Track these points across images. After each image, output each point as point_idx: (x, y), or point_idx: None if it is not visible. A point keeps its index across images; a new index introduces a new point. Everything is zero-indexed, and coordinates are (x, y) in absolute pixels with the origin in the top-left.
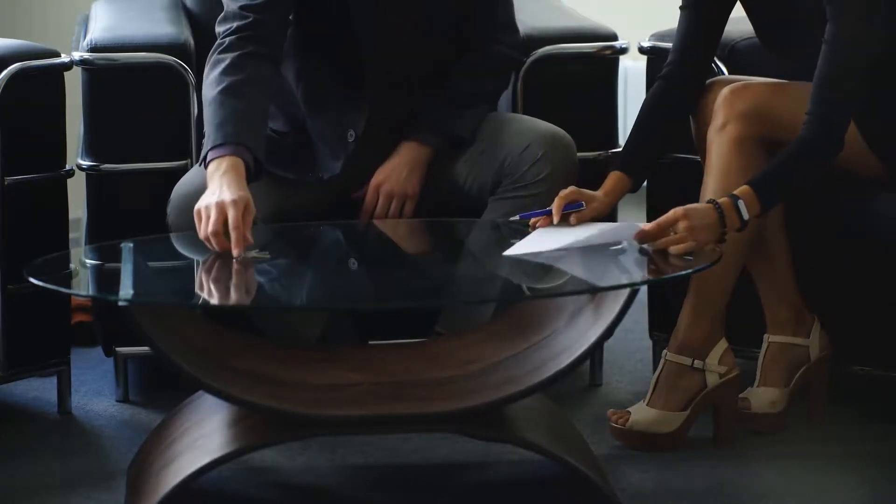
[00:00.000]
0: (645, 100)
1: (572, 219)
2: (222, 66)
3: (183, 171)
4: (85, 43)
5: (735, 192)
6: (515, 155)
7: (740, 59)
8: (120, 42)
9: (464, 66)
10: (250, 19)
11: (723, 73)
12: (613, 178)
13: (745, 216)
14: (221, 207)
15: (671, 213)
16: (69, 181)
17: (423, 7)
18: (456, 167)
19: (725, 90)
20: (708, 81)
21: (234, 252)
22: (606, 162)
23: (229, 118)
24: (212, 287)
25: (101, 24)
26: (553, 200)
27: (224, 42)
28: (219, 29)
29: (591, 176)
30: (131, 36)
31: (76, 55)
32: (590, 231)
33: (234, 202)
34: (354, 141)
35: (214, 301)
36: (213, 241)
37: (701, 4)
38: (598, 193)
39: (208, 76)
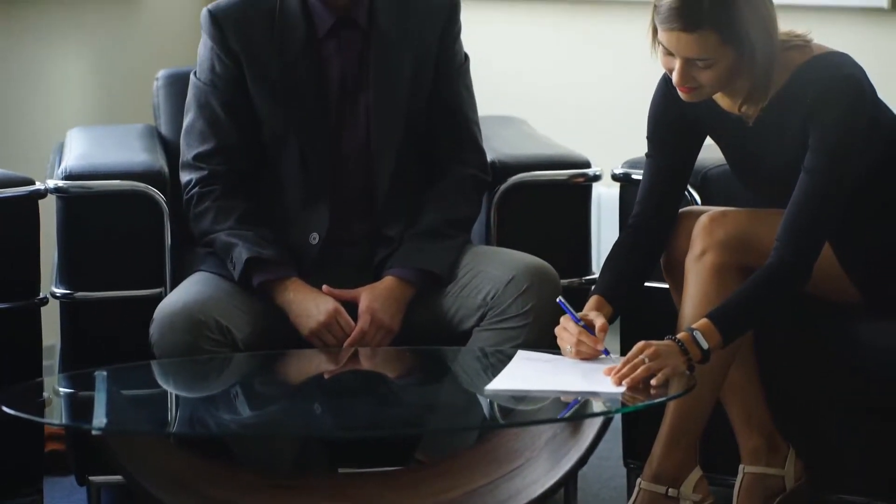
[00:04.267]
0: (613, 247)
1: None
2: (210, 215)
3: (158, 298)
4: (60, 171)
5: (694, 324)
6: (500, 287)
7: (713, 186)
8: (94, 170)
9: (435, 193)
10: (206, 172)
11: (695, 201)
12: (596, 301)
13: (705, 347)
14: (335, 319)
15: (635, 347)
16: (43, 309)
17: (377, 122)
18: (441, 300)
19: (703, 218)
20: (679, 211)
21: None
22: (580, 289)
23: (258, 243)
24: (186, 415)
25: (76, 152)
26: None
27: (192, 196)
28: (182, 178)
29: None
30: (106, 164)
31: (51, 183)
32: (572, 373)
33: (337, 309)
34: (318, 244)
35: (187, 429)
36: (350, 347)
37: (666, 152)
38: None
39: (199, 228)
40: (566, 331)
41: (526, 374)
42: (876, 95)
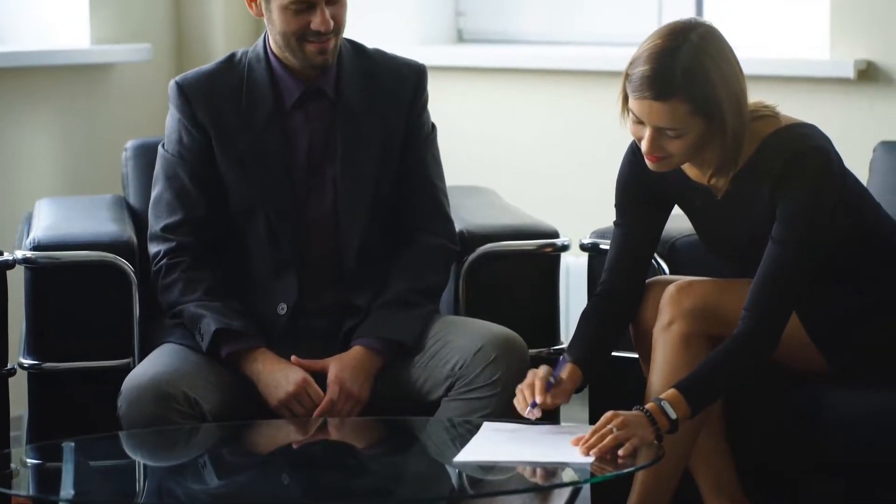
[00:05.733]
0: (581, 315)
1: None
2: (178, 287)
3: (126, 369)
4: (28, 241)
5: (662, 395)
6: (468, 357)
7: (680, 256)
8: (62, 240)
9: (403, 263)
10: (174, 243)
11: (663, 271)
12: (568, 367)
13: (673, 417)
14: (303, 389)
15: (603, 417)
16: (10, 379)
17: (345, 194)
18: (409, 370)
19: (671, 287)
20: (647, 281)
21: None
22: (548, 359)
23: (227, 314)
24: (154, 487)
25: (44, 223)
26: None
27: (161, 267)
28: (150, 250)
29: None
30: (74, 234)
31: (19, 254)
32: (540, 443)
33: (305, 380)
34: (286, 314)
35: (155, 500)
36: (318, 418)
37: (634, 220)
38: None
39: (168, 299)
40: (530, 383)
41: (494, 444)
42: (843, 166)
